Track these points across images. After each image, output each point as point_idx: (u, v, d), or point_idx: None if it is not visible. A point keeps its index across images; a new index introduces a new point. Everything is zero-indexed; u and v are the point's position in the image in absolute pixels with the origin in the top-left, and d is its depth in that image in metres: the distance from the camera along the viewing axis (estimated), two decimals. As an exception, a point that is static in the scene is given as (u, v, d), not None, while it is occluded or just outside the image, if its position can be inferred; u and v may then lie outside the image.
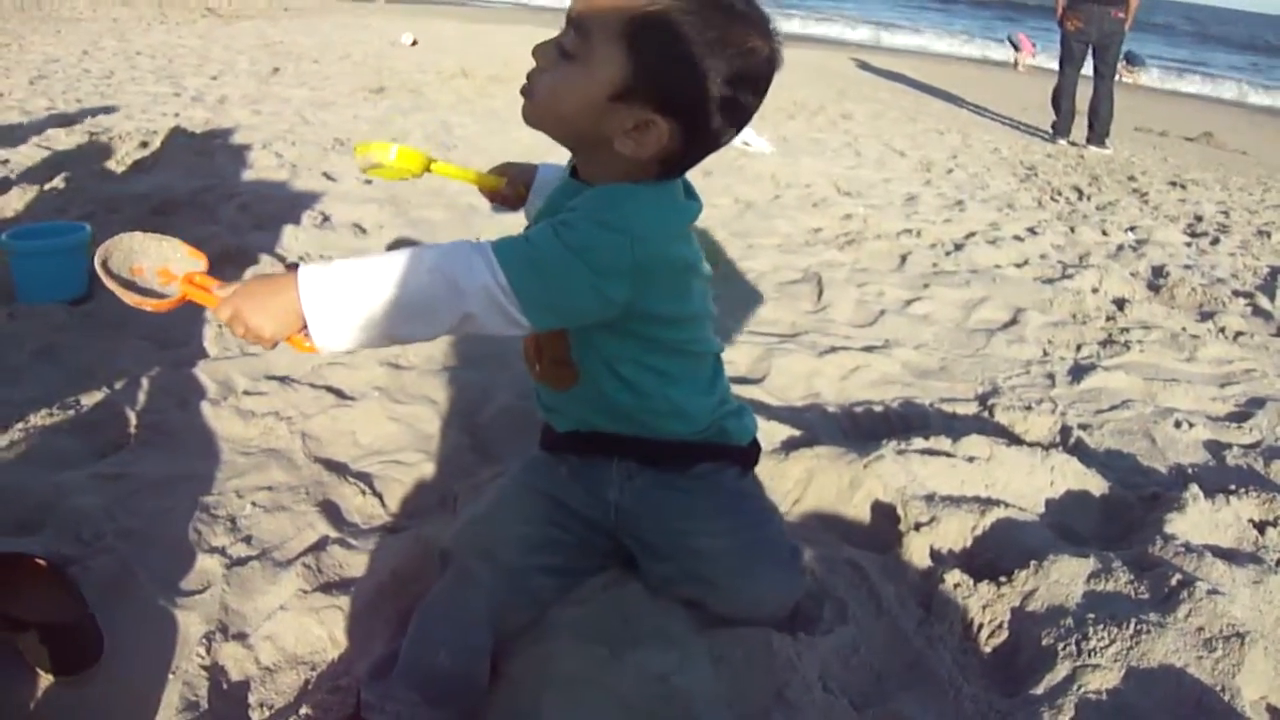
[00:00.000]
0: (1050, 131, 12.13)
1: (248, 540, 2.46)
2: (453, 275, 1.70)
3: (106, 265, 1.89)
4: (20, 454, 2.82)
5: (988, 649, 2.21)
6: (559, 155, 2.06)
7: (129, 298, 1.86)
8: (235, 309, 1.72)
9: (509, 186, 2.42)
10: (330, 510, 2.61)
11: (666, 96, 1.79)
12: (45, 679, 1.95)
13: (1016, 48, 26.16)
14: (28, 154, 6.61)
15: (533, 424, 2.34)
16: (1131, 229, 7.00)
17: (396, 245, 5.06)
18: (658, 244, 1.83)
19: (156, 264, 1.94)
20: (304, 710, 1.91)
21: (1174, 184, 9.28)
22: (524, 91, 1.92)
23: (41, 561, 2.16)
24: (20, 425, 2.96)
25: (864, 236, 5.98)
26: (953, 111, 14.40)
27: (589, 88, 1.81)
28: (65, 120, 8.12)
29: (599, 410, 2.09)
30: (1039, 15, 41.33)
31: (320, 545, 2.40)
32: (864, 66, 20.86)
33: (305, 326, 1.70)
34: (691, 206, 1.98)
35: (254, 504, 2.61)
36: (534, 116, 1.93)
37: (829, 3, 51.60)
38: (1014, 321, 4.56)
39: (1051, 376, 3.91)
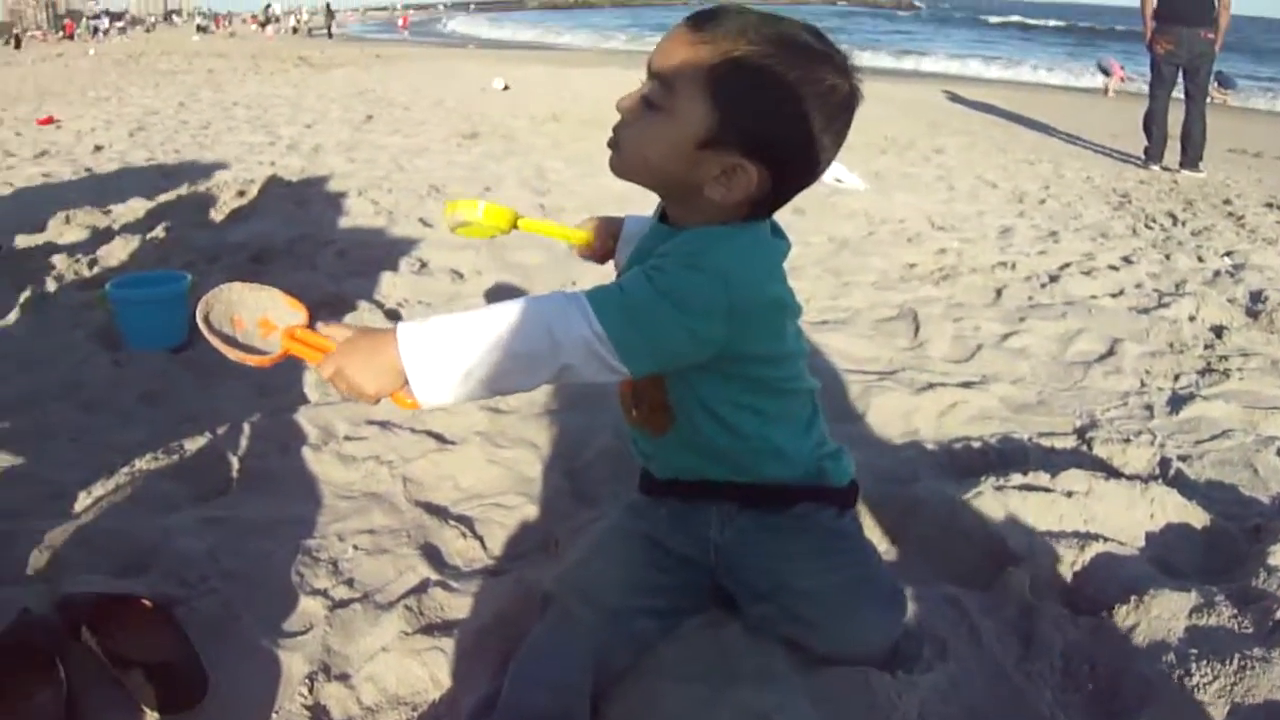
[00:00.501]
0: (1143, 157, 11.96)
1: (350, 583, 2.49)
2: (550, 327, 1.71)
3: (208, 319, 1.92)
4: (127, 497, 2.89)
5: (1089, 685, 2.17)
6: (652, 202, 2.07)
7: (231, 354, 1.89)
8: (338, 367, 1.75)
9: (597, 240, 2.45)
10: (431, 553, 2.64)
11: (753, 140, 1.80)
12: (151, 716, 1.99)
13: (1107, 73, 25.95)
14: (131, 205, 6.78)
15: (632, 466, 2.36)
16: (1228, 254, 6.87)
17: (495, 291, 5.11)
18: (751, 285, 1.84)
19: (256, 314, 1.96)
20: (407, 750, 1.94)
21: (1270, 205, 9.10)
22: (611, 144, 1.95)
23: (148, 602, 2.21)
24: (126, 469, 3.04)
25: (959, 271, 5.95)
26: (1044, 141, 14.28)
27: (676, 137, 1.83)
28: (165, 171, 8.30)
29: (697, 454, 2.10)
30: (1118, 40, 40.78)
31: (422, 587, 2.42)
32: (954, 99, 20.74)
33: (406, 382, 1.73)
34: (781, 245, 2.00)
35: (356, 547, 2.65)
36: (622, 168, 1.96)
37: (914, 40, 51.57)
38: (1111, 353, 4.51)
39: (1150, 408, 3.86)
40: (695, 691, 1.97)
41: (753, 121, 1.79)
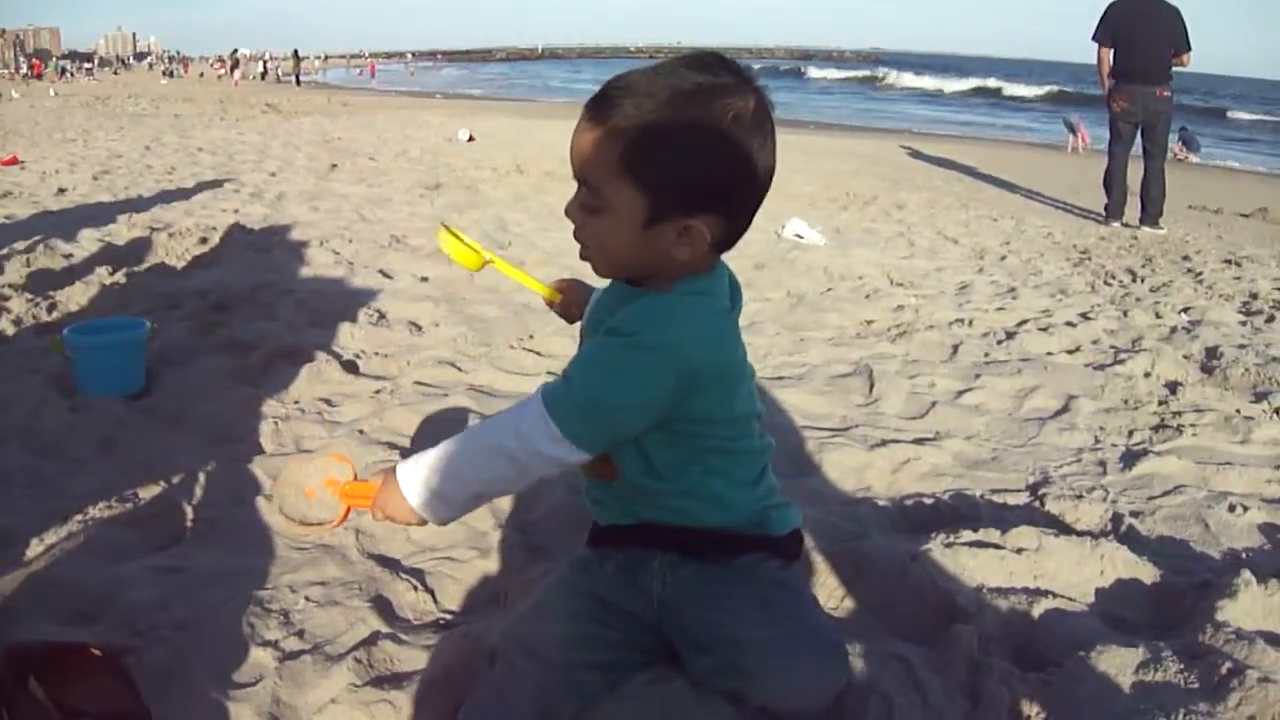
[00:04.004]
0: (1103, 214, 12.10)
1: (300, 634, 2.48)
2: (513, 458, 1.93)
3: (283, 511, 2.26)
4: (79, 545, 2.88)
5: (1036, 742, 2.19)
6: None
7: (310, 531, 2.29)
8: (380, 507, 2.04)
9: (566, 298, 2.59)
10: (382, 606, 2.64)
11: (690, 199, 1.85)
12: (99, 769, 1.98)
13: (1073, 130, 26.20)
14: (90, 249, 6.81)
15: (584, 521, 2.37)
16: (1185, 310, 6.94)
17: (454, 340, 5.11)
18: (698, 355, 1.88)
19: (320, 479, 2.23)
20: (354, 803, 1.94)
21: (1228, 262, 9.22)
22: (581, 254, 2.03)
23: (97, 651, 2.20)
24: (79, 517, 3.03)
25: (916, 327, 5.99)
26: (1006, 197, 14.40)
27: (624, 230, 1.89)
28: (128, 215, 8.32)
29: (641, 501, 2.13)
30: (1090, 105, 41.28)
31: (372, 640, 2.42)
32: (915, 155, 20.92)
33: None
34: (732, 316, 2.04)
35: (307, 599, 2.64)
36: (601, 269, 2.05)
37: (884, 106, 52.09)
38: (1066, 409, 4.54)
39: (1103, 464, 3.89)
40: (640, 747, 1.98)
41: (681, 185, 1.84)
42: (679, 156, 1.82)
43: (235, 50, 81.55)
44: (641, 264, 1.95)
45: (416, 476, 1.98)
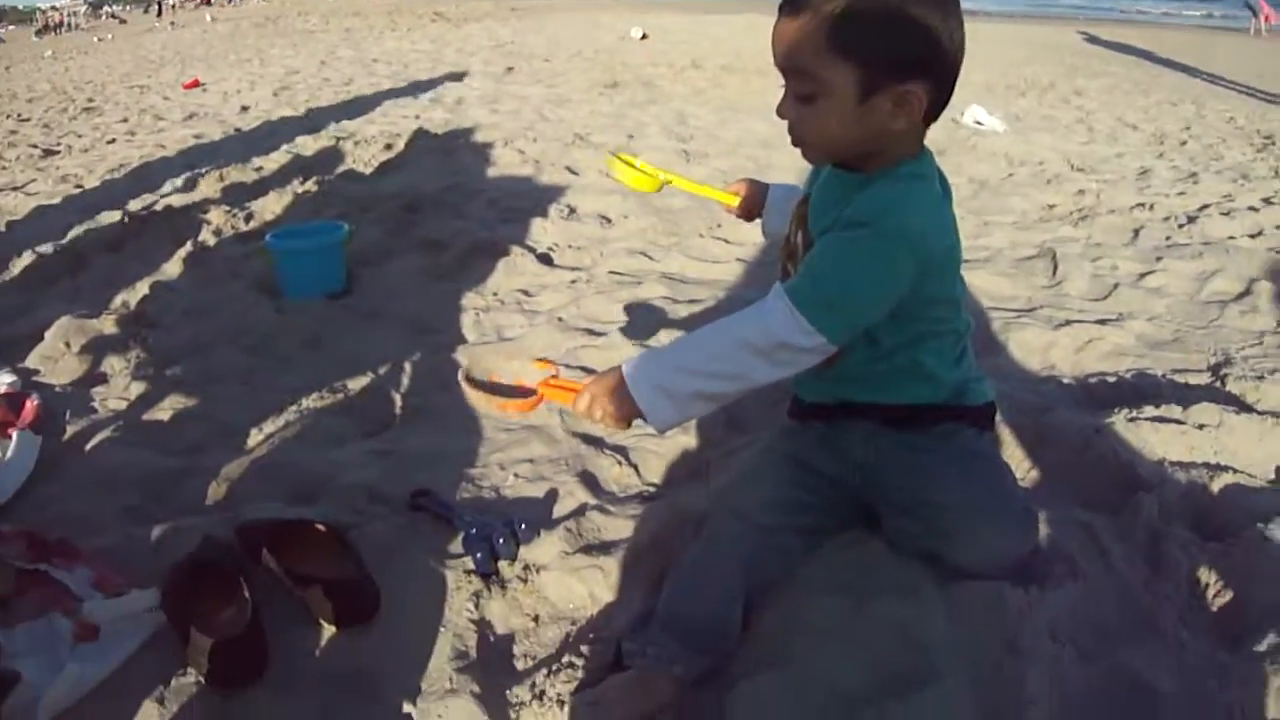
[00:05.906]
0: (1290, 98, 11.75)
1: (511, 508, 2.63)
2: (765, 349, 1.93)
3: (469, 376, 2.24)
4: (295, 434, 3.06)
5: (1213, 607, 2.21)
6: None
7: (494, 403, 2.22)
8: (590, 399, 2.02)
9: (744, 202, 2.65)
10: (588, 480, 2.76)
11: (901, 65, 1.89)
12: (328, 630, 2.15)
13: (1255, 12, 25.26)
14: (279, 160, 6.97)
15: (783, 396, 2.46)
16: (1374, 194, 6.73)
17: (643, 232, 5.27)
18: (933, 240, 1.97)
19: (512, 379, 2.28)
20: (566, 659, 2.06)
21: None
22: (796, 144, 2.06)
23: (322, 527, 2.36)
24: (294, 408, 3.21)
25: (1097, 212, 5.93)
26: (1186, 82, 13.97)
27: (841, 110, 1.93)
28: (311, 127, 8.47)
29: (852, 381, 2.21)
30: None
31: (580, 511, 2.55)
32: (1092, 40, 20.33)
33: None
34: (948, 200, 2.12)
35: (516, 475, 2.78)
36: (818, 157, 2.12)
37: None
38: (1247, 293, 4.46)
39: (1286, 346, 3.85)
40: (839, 603, 2.07)
41: (891, 51, 1.88)
42: (886, 22, 1.85)
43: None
44: (860, 142, 1.99)
45: (645, 371, 1.98)
